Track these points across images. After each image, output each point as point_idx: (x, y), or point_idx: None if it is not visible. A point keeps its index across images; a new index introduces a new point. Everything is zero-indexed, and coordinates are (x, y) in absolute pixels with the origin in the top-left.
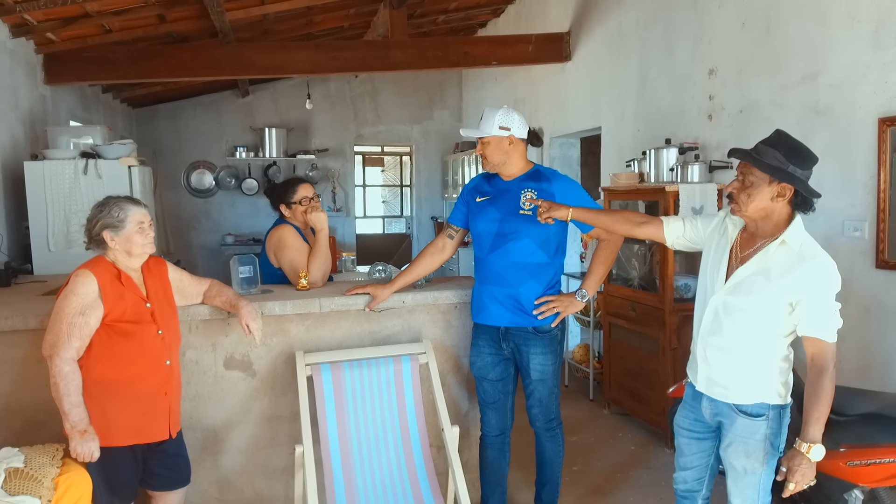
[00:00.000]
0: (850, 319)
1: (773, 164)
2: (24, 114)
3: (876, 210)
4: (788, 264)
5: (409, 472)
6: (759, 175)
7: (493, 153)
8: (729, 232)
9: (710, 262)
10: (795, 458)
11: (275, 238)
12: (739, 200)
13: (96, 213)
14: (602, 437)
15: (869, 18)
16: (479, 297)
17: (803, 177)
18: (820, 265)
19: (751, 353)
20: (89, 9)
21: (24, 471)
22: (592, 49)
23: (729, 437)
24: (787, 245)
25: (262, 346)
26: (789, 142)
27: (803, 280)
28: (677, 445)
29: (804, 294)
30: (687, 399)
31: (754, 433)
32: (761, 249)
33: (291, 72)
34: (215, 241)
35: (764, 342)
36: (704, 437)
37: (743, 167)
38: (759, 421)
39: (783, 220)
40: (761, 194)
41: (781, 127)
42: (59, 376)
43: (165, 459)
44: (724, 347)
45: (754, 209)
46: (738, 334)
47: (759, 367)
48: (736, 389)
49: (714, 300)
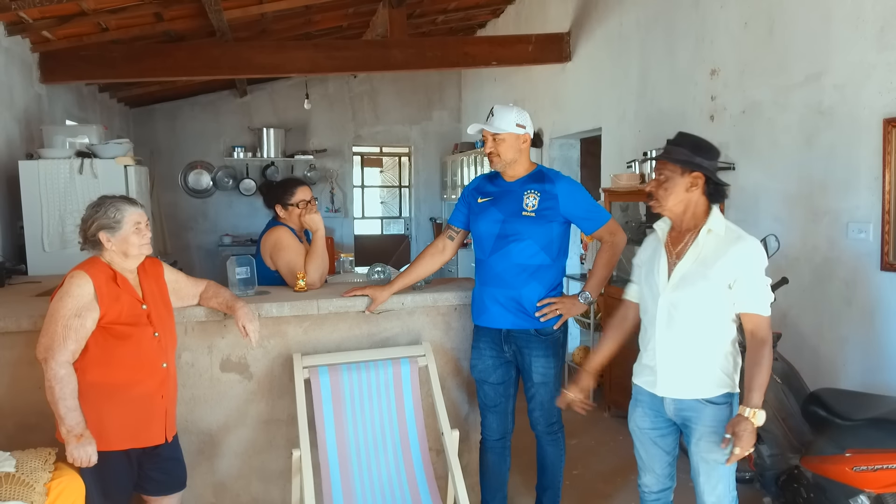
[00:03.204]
0: (855, 322)
1: (681, 157)
2: (19, 112)
3: (881, 212)
4: (719, 249)
5: (409, 476)
6: (671, 168)
7: (507, 151)
8: (658, 234)
9: (646, 267)
10: (741, 424)
11: (270, 240)
12: (658, 196)
13: (92, 213)
14: (602, 440)
15: (874, 18)
16: (481, 299)
17: (710, 167)
18: (747, 245)
19: (706, 342)
20: (85, 7)
21: (15, 475)
22: (593, 49)
23: (699, 431)
24: (713, 233)
25: (259, 348)
26: (692, 139)
27: (735, 261)
28: (642, 448)
29: (739, 273)
30: (641, 399)
31: (722, 421)
32: (692, 242)
33: (290, 71)
34: (212, 241)
35: (715, 329)
36: (668, 432)
37: (658, 165)
38: (723, 408)
39: (702, 212)
40: (676, 187)
41: (784, 128)
42: (54, 380)
43: (161, 463)
44: (681, 344)
45: (673, 202)
46: (692, 326)
47: (716, 356)
48: (700, 383)
49: (662, 300)
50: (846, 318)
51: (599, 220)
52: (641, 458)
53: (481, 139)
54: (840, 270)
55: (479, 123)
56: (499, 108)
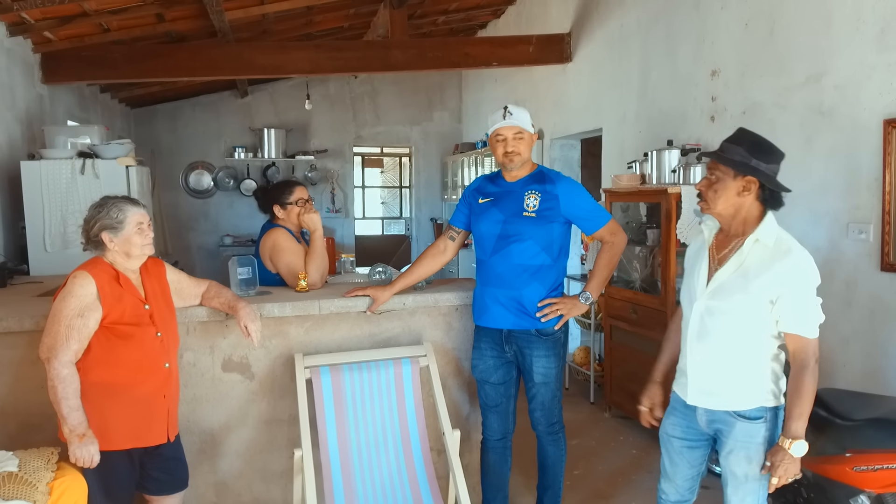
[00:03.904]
0: (855, 323)
1: (735, 158)
2: (20, 113)
3: (881, 212)
4: (764, 262)
5: (410, 476)
6: (723, 170)
7: (525, 149)
8: (705, 235)
9: (688, 267)
10: (778, 454)
11: (269, 242)
12: (707, 197)
13: (94, 213)
14: (603, 440)
15: (874, 19)
16: (482, 299)
17: (768, 171)
18: (797, 260)
19: (740, 356)
20: (87, 7)
21: (18, 475)
22: (593, 50)
23: (729, 444)
24: (760, 243)
25: (261, 348)
26: (752, 137)
27: (781, 276)
28: (667, 456)
29: (783, 290)
30: (677, 407)
31: (754, 437)
32: (736, 249)
33: (291, 72)
34: (213, 242)
35: (752, 344)
36: (697, 445)
37: (711, 165)
38: (757, 424)
39: (753, 218)
40: (727, 190)
41: (785, 129)
42: (56, 379)
43: (163, 463)
44: (713, 353)
45: (722, 205)
46: (725, 338)
47: (751, 369)
48: (731, 396)
49: (697, 306)
50: (846, 318)
51: (600, 220)
52: (665, 466)
53: (483, 139)
54: (840, 271)
55: (511, 118)
56: (514, 108)
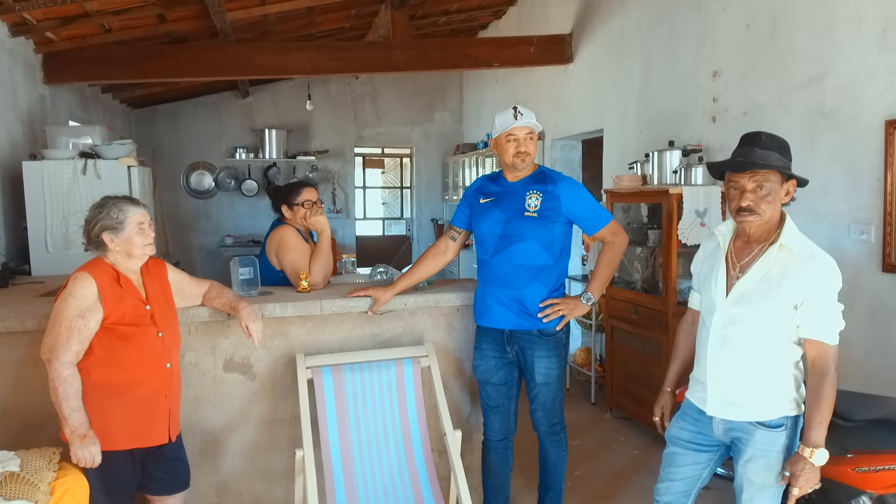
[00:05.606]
0: (857, 323)
1: (778, 165)
2: (22, 113)
3: (882, 213)
4: (789, 267)
5: (411, 476)
6: (774, 179)
7: (535, 148)
8: (720, 242)
9: (703, 275)
10: (798, 463)
11: (276, 239)
12: (760, 210)
13: (95, 214)
14: (604, 441)
15: (876, 20)
16: (483, 299)
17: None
18: (821, 265)
19: (764, 364)
20: (89, 8)
21: (20, 475)
22: (594, 51)
23: (748, 452)
24: (785, 248)
25: (262, 348)
26: (776, 140)
27: (806, 281)
28: (669, 455)
29: (807, 295)
30: (689, 412)
31: (774, 445)
32: (760, 256)
33: (292, 72)
34: (214, 242)
35: (775, 351)
36: (706, 449)
37: (758, 176)
38: (778, 432)
39: (776, 222)
40: (778, 198)
41: (786, 130)
42: (58, 380)
43: (164, 463)
44: (735, 362)
45: (771, 213)
46: (749, 346)
47: (774, 378)
48: (754, 406)
49: (718, 316)
50: (848, 319)
51: (601, 220)
52: (664, 468)
53: (484, 140)
54: (841, 272)
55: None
56: (521, 107)
